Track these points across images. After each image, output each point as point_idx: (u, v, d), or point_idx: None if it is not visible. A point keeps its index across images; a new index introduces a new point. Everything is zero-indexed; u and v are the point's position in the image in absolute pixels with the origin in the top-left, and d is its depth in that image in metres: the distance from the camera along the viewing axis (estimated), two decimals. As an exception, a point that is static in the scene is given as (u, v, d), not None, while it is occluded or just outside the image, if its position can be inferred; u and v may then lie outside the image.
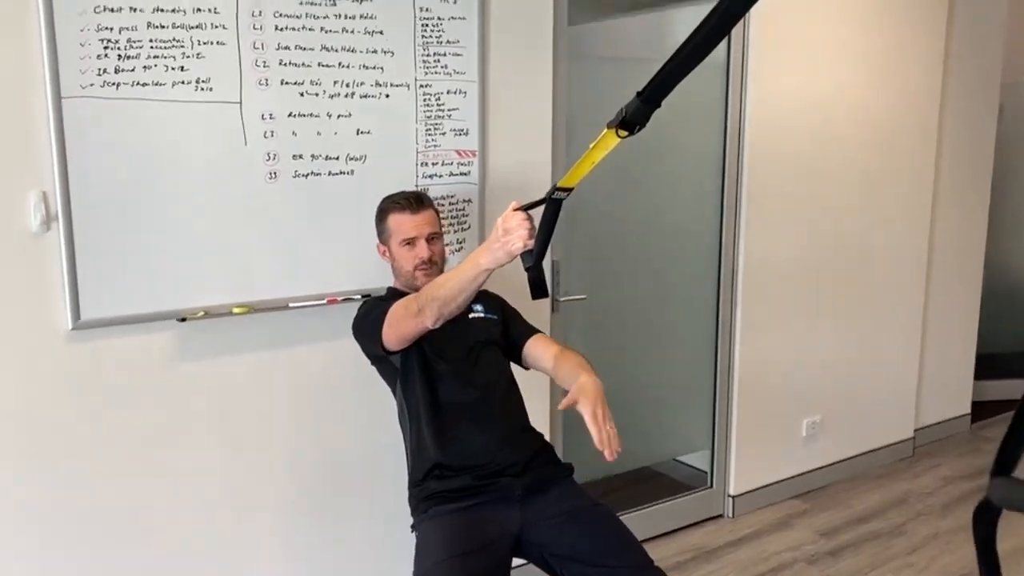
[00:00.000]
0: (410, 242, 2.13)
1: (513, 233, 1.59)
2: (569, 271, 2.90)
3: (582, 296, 2.95)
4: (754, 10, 3.10)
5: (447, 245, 2.37)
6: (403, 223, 2.14)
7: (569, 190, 1.51)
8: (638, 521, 3.09)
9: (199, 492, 2.24)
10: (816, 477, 3.71)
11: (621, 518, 2.04)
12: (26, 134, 1.91)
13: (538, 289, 1.63)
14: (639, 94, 1.30)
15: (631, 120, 1.31)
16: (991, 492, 0.78)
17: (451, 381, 2.07)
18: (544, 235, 1.57)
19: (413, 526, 2.05)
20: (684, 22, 3.12)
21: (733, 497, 3.44)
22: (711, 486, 3.44)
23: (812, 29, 3.33)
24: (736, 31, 3.13)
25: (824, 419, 3.69)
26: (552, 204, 1.54)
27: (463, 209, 2.55)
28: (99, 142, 1.99)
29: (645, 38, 3.20)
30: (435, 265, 2.14)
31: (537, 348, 2.15)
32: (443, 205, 2.52)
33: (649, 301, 3.24)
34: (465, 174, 2.55)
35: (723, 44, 3.13)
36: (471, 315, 2.17)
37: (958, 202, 4.14)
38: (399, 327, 1.92)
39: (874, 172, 3.67)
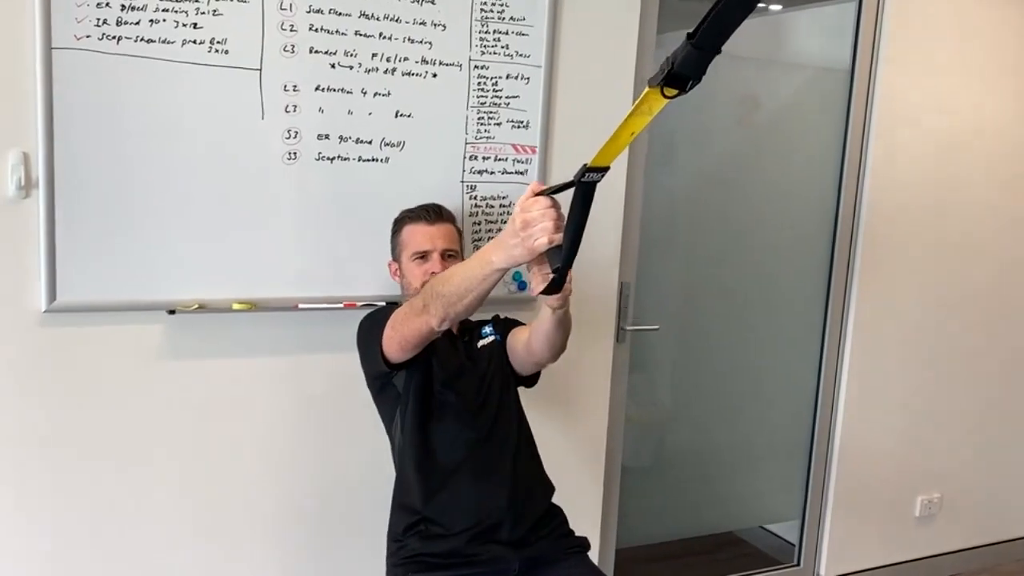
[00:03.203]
0: (423, 256, 1.83)
1: (535, 226, 1.19)
2: (640, 296, 2.50)
3: (655, 327, 2.53)
4: (889, 11, 2.65)
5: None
6: (417, 234, 1.84)
7: (604, 170, 1.15)
8: (705, 596, 2.65)
9: (171, 508, 1.96)
10: (929, 567, 3.14)
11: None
12: (10, 85, 1.69)
13: (554, 285, 1.27)
14: (690, 36, 0.94)
15: (681, 73, 0.96)
16: None
17: (453, 417, 1.73)
18: (574, 229, 1.20)
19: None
20: (787, 23, 2.70)
21: (824, 580, 2.93)
22: (798, 564, 2.95)
23: (956, 37, 2.82)
24: (865, 32, 2.67)
25: (944, 498, 3.12)
26: (583, 189, 1.17)
27: (516, 213, 2.20)
28: (92, 102, 1.75)
29: (743, 36, 2.79)
30: None
31: (517, 335, 1.83)
32: (492, 207, 2.18)
33: (737, 339, 2.79)
34: (521, 173, 2.21)
35: (848, 46, 2.68)
36: (480, 343, 1.86)
37: None
38: (402, 328, 1.57)
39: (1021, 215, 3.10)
